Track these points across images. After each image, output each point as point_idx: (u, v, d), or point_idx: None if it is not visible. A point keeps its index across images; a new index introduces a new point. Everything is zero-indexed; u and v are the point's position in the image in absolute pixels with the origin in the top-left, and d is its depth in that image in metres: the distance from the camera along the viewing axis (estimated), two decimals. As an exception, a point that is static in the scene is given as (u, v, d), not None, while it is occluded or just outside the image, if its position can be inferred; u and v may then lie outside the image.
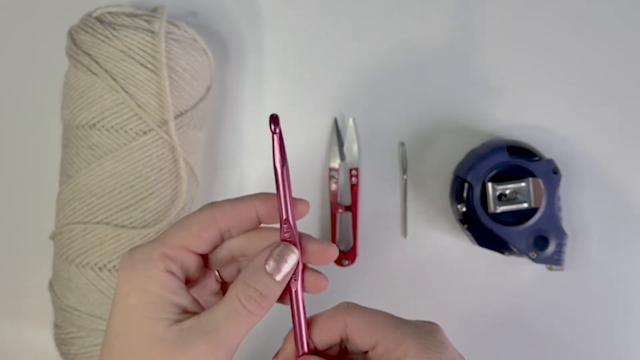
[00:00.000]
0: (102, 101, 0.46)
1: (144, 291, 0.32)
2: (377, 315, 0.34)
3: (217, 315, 0.32)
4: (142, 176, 0.47)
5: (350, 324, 0.34)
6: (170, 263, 0.33)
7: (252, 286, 0.33)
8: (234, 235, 0.35)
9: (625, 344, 0.54)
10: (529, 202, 0.50)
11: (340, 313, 0.35)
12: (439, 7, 0.55)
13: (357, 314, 0.34)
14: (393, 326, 0.34)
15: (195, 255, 0.34)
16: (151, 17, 0.47)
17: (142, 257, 0.33)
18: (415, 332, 0.33)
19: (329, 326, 0.35)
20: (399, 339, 0.33)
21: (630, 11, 0.54)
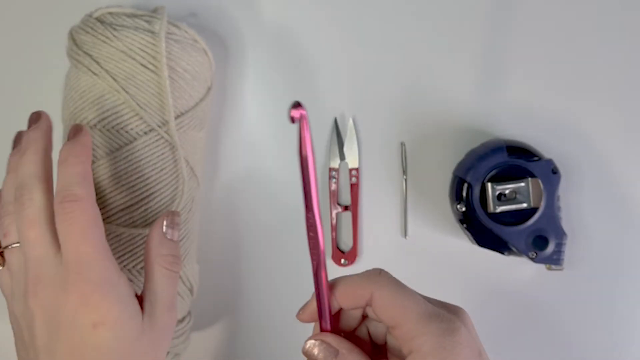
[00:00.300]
0: (102, 101, 0.46)
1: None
2: (405, 297, 0.35)
3: (156, 287, 0.39)
4: (143, 176, 0.47)
5: (377, 298, 0.35)
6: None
7: (167, 254, 0.40)
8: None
9: (624, 344, 0.54)
10: (528, 202, 0.50)
11: (369, 282, 0.36)
12: (439, 8, 0.55)
13: (386, 290, 0.35)
14: (417, 315, 0.34)
15: None
16: (152, 18, 0.48)
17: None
18: (437, 328, 0.33)
19: (354, 292, 0.36)
20: (418, 331, 0.33)
21: (630, 11, 0.54)
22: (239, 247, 0.56)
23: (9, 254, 0.39)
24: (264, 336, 0.56)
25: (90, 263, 0.37)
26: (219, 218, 0.56)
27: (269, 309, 0.56)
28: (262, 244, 0.56)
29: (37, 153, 0.39)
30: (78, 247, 0.37)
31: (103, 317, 0.37)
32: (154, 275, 0.40)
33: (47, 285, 0.37)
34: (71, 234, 0.37)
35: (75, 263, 0.37)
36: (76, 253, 0.37)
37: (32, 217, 0.38)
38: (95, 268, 0.37)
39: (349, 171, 0.55)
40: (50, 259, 0.37)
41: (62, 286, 0.37)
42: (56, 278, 0.37)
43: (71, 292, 0.36)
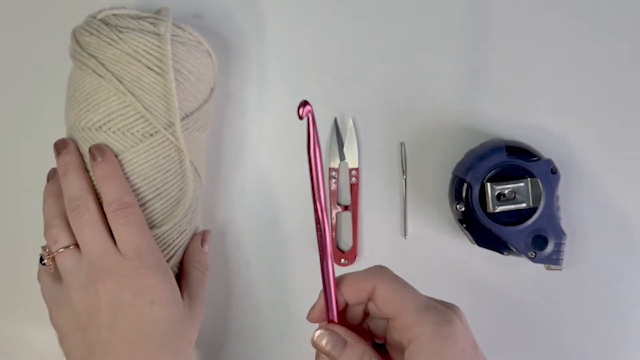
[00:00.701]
0: (108, 103, 0.46)
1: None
2: (405, 290, 0.38)
3: (192, 284, 0.49)
4: (148, 178, 0.47)
5: (378, 289, 0.38)
6: None
7: (202, 260, 0.50)
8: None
9: (624, 344, 0.54)
10: (527, 202, 0.50)
11: (372, 276, 0.38)
12: (439, 8, 0.55)
13: (387, 283, 0.38)
14: (415, 306, 0.36)
15: None
16: (156, 20, 0.47)
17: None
18: (434, 318, 0.36)
19: (358, 286, 0.38)
20: (416, 320, 0.36)
21: (630, 12, 0.54)
22: (241, 246, 0.56)
23: (61, 256, 0.46)
24: (264, 335, 0.56)
25: (145, 253, 0.45)
26: (220, 217, 0.56)
27: (270, 308, 0.56)
28: (264, 243, 0.56)
29: (79, 171, 0.47)
30: (135, 241, 0.45)
31: (159, 296, 0.45)
32: (191, 275, 0.49)
33: (112, 272, 0.44)
34: (129, 232, 0.45)
35: (135, 254, 0.45)
36: (135, 246, 0.45)
37: (91, 221, 0.45)
38: (151, 257, 0.45)
39: (348, 171, 0.55)
40: (111, 253, 0.45)
41: (126, 273, 0.44)
42: (119, 267, 0.44)
43: (133, 276, 0.44)
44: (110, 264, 0.44)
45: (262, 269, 0.56)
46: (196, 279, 0.49)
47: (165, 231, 0.48)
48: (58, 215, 0.46)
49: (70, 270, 0.45)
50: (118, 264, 0.44)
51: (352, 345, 0.37)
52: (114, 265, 0.44)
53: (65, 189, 0.46)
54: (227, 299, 0.56)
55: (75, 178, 0.46)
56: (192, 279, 0.49)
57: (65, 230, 0.46)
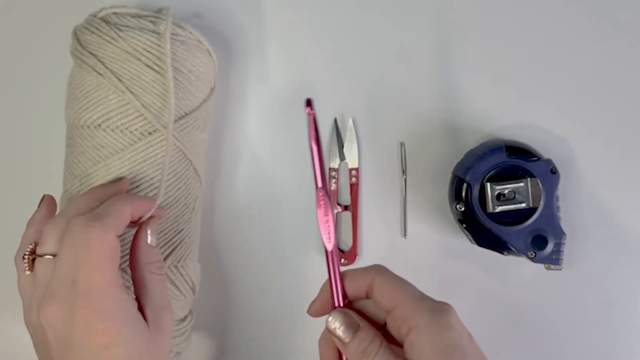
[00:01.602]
0: (107, 101, 0.46)
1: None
2: (403, 283, 0.40)
3: (153, 292, 0.42)
4: (147, 176, 0.47)
5: (377, 282, 0.39)
6: None
7: (153, 261, 0.43)
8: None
9: (623, 344, 0.54)
10: (527, 202, 0.50)
11: (371, 271, 0.40)
12: (439, 8, 0.55)
13: (386, 276, 0.40)
14: (413, 297, 0.38)
15: None
16: (156, 19, 0.48)
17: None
18: (430, 307, 0.38)
19: (358, 280, 0.40)
20: (414, 309, 0.37)
21: (630, 12, 0.54)
22: (240, 246, 0.56)
23: (39, 263, 0.40)
24: (264, 335, 0.56)
25: (101, 293, 0.38)
26: (220, 217, 0.56)
27: (270, 308, 0.56)
28: (264, 243, 0.56)
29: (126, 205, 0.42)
30: (91, 274, 0.38)
31: (114, 340, 0.38)
32: (147, 282, 0.42)
33: (58, 305, 0.38)
34: (87, 260, 0.38)
35: (85, 291, 0.38)
36: (88, 281, 0.38)
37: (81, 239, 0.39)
38: (107, 299, 0.38)
39: (348, 171, 0.55)
40: (69, 281, 0.38)
41: (71, 310, 0.38)
42: (67, 300, 0.38)
43: (79, 318, 0.38)
44: (60, 293, 0.38)
45: (262, 269, 0.56)
46: (155, 285, 0.42)
47: (166, 232, 0.48)
48: (70, 214, 0.41)
49: (40, 282, 0.40)
50: (67, 295, 0.38)
51: (364, 329, 0.39)
52: (63, 295, 0.38)
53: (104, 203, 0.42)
54: (227, 300, 0.56)
55: (121, 198, 0.42)
56: (151, 287, 0.42)
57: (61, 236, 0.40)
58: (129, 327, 0.39)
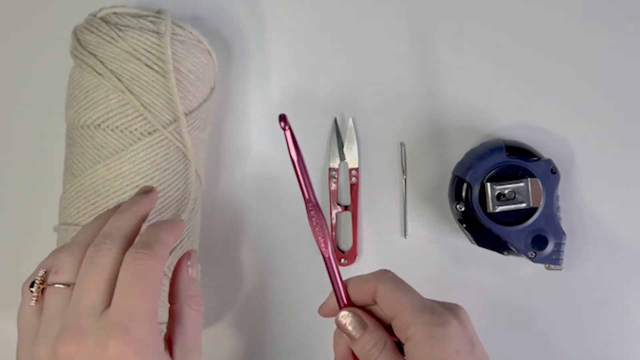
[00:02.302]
0: (107, 101, 0.46)
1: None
2: (404, 291, 0.39)
3: (188, 329, 0.39)
4: (147, 176, 0.47)
5: (379, 290, 0.40)
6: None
7: (194, 295, 0.40)
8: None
9: (623, 344, 0.54)
10: (527, 202, 0.50)
11: (374, 279, 0.40)
12: (439, 8, 0.55)
13: (388, 285, 0.40)
14: (412, 307, 0.38)
15: None
16: (156, 19, 0.48)
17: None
18: (429, 319, 0.38)
19: (362, 288, 0.40)
20: (412, 321, 0.38)
21: (630, 12, 0.54)
22: (240, 246, 0.56)
23: (50, 292, 0.37)
24: (265, 334, 0.56)
25: (141, 321, 0.35)
26: (220, 217, 0.56)
27: (270, 308, 0.56)
28: (263, 242, 0.56)
29: (136, 216, 0.39)
30: (134, 300, 0.35)
31: None
32: (184, 319, 0.39)
33: (85, 338, 0.34)
34: (133, 285, 0.35)
35: (125, 317, 0.34)
36: (130, 307, 0.35)
37: (103, 266, 0.36)
38: (144, 329, 0.35)
39: (348, 171, 0.55)
40: (97, 312, 0.35)
41: (103, 340, 0.34)
42: (97, 333, 0.34)
43: (112, 349, 0.34)
44: (88, 325, 0.34)
45: (262, 269, 0.56)
46: (192, 323, 0.39)
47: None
48: (84, 242, 0.38)
49: (51, 315, 0.36)
50: (97, 328, 0.34)
51: (372, 329, 0.40)
52: (92, 328, 0.34)
53: (109, 222, 0.39)
54: (227, 299, 0.56)
55: (125, 218, 0.39)
56: (188, 324, 0.39)
57: (78, 264, 0.37)
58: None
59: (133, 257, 0.36)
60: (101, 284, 0.35)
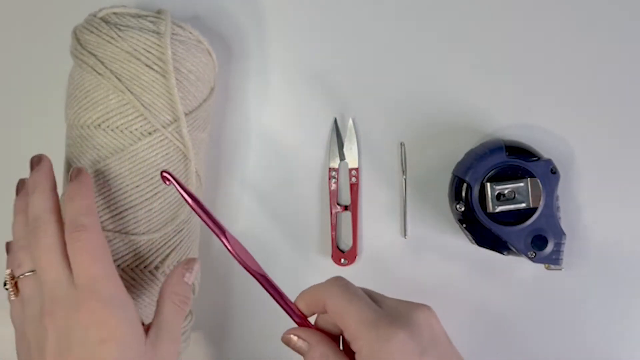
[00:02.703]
0: (107, 101, 0.46)
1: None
2: (352, 303, 0.40)
3: (163, 319, 0.43)
4: (147, 176, 0.47)
5: (327, 304, 0.41)
6: None
7: (180, 292, 0.45)
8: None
9: (623, 344, 0.54)
10: (527, 202, 0.50)
11: (323, 291, 0.41)
12: (439, 8, 0.55)
13: (335, 298, 0.41)
14: (357, 322, 0.39)
15: None
16: (156, 19, 0.48)
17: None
18: (374, 335, 0.38)
19: (312, 300, 0.42)
20: (356, 336, 0.39)
21: (630, 12, 0.54)
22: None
23: (23, 282, 0.42)
24: (265, 335, 0.56)
25: (100, 283, 0.41)
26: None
27: (270, 308, 0.56)
28: (264, 242, 0.56)
29: (45, 191, 0.43)
30: (88, 269, 0.41)
31: (111, 334, 0.40)
32: (164, 308, 0.44)
33: (61, 305, 0.40)
34: (82, 258, 0.41)
35: (86, 284, 0.40)
36: (87, 274, 0.41)
37: (47, 245, 0.41)
38: (105, 287, 0.41)
39: (348, 171, 0.55)
40: (64, 282, 0.41)
41: (75, 305, 0.40)
42: (69, 298, 0.40)
43: (83, 310, 0.40)
44: (61, 294, 0.40)
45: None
46: (170, 314, 0.44)
47: (165, 232, 0.48)
48: (25, 235, 0.43)
49: (29, 299, 0.42)
50: (69, 294, 0.40)
51: (314, 344, 0.41)
52: (64, 296, 0.40)
53: (30, 208, 0.43)
54: (226, 300, 0.56)
55: (42, 198, 0.43)
56: (165, 314, 0.44)
57: (30, 255, 0.43)
58: (126, 324, 0.41)
59: (71, 238, 0.41)
60: (55, 258, 0.41)
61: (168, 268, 0.48)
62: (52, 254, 0.41)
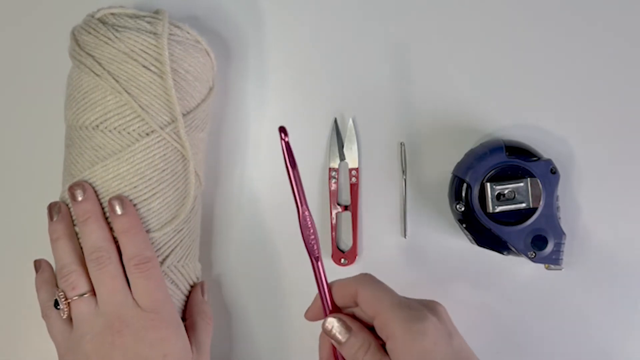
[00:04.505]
0: (105, 102, 0.46)
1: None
2: (382, 292, 0.42)
3: (199, 335, 0.49)
4: (145, 177, 0.47)
5: (360, 292, 0.42)
6: None
7: (206, 311, 0.51)
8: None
9: (623, 344, 0.54)
10: (527, 202, 0.50)
11: (355, 282, 0.43)
12: (439, 8, 0.55)
13: (367, 286, 0.42)
14: (390, 305, 0.41)
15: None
16: (154, 19, 0.48)
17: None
18: (406, 315, 0.40)
19: (344, 290, 0.43)
20: (390, 320, 0.40)
21: (630, 12, 0.54)
22: (241, 246, 0.56)
23: (77, 303, 0.46)
24: (265, 334, 0.56)
25: (162, 306, 0.46)
26: (219, 217, 0.56)
27: (270, 307, 0.56)
28: (264, 242, 0.56)
29: (99, 220, 0.47)
30: (153, 294, 0.46)
31: (172, 349, 0.46)
32: (197, 326, 0.50)
33: (129, 324, 0.45)
34: (148, 285, 0.46)
35: (151, 306, 0.46)
36: (152, 299, 0.46)
37: (112, 271, 0.46)
38: (166, 310, 0.46)
39: (348, 171, 0.55)
40: (130, 305, 0.46)
41: (143, 325, 0.45)
42: (137, 319, 0.45)
43: (149, 329, 0.45)
44: (128, 315, 0.45)
45: (262, 268, 0.56)
46: (203, 330, 0.50)
47: (165, 232, 0.48)
48: (75, 260, 0.47)
49: (86, 318, 0.46)
50: (136, 316, 0.45)
51: (356, 332, 0.42)
52: (132, 317, 0.45)
53: (86, 237, 0.47)
54: (226, 299, 0.56)
55: (97, 227, 0.47)
56: (199, 330, 0.49)
57: (84, 277, 0.46)
58: (183, 342, 0.47)
59: (139, 268, 0.46)
60: (120, 283, 0.46)
61: (168, 268, 0.48)
62: (118, 279, 0.46)
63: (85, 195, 0.47)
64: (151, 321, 0.45)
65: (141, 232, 0.47)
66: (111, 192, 0.47)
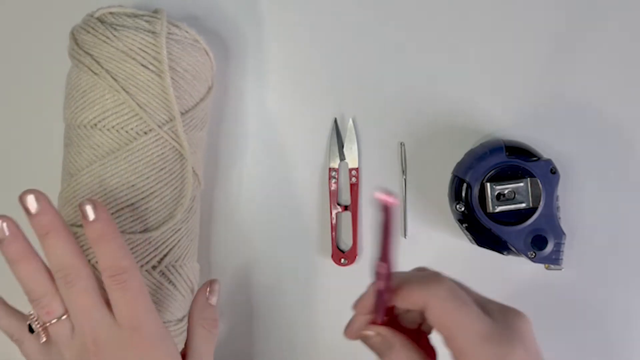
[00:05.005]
0: (103, 101, 0.46)
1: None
2: (461, 314, 0.36)
3: (197, 346, 0.45)
4: (142, 175, 0.47)
5: (431, 308, 0.36)
6: None
7: (209, 317, 0.46)
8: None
9: (623, 344, 0.54)
10: (527, 202, 0.50)
11: (426, 292, 0.37)
12: (439, 8, 0.55)
13: (441, 303, 0.36)
14: (472, 335, 0.35)
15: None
16: (152, 18, 0.48)
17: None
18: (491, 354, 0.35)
19: (412, 299, 0.37)
20: (471, 352, 0.35)
21: (628, 13, 0.54)
22: (240, 246, 0.56)
23: (55, 327, 0.42)
24: (263, 334, 0.56)
25: (142, 320, 0.42)
26: (218, 217, 0.56)
27: (270, 308, 0.56)
28: (263, 242, 0.56)
29: (61, 233, 0.42)
30: (132, 309, 0.41)
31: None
32: (195, 335, 0.46)
33: (107, 346, 0.41)
34: (125, 299, 0.41)
35: (131, 323, 0.41)
36: (130, 314, 0.41)
37: (84, 289, 0.41)
38: (147, 324, 0.42)
39: (348, 171, 0.55)
40: (107, 322, 0.41)
41: (122, 345, 0.41)
42: (115, 339, 0.41)
43: (129, 349, 0.41)
44: (103, 337, 0.41)
45: (262, 269, 0.56)
46: (202, 339, 0.46)
47: (163, 231, 0.48)
48: (43, 282, 0.42)
49: (64, 341, 0.42)
50: (112, 336, 0.41)
51: (399, 349, 0.38)
52: (107, 338, 0.41)
53: (49, 254, 0.42)
54: (225, 299, 0.56)
55: (59, 242, 0.42)
56: (198, 340, 0.45)
57: (58, 299, 0.42)
58: (168, 357, 0.42)
59: (114, 281, 0.41)
60: (94, 300, 0.41)
61: (165, 267, 0.48)
62: (90, 297, 0.42)
63: (40, 206, 0.41)
64: (130, 339, 0.41)
65: (116, 239, 0.42)
66: (109, 191, 0.47)
